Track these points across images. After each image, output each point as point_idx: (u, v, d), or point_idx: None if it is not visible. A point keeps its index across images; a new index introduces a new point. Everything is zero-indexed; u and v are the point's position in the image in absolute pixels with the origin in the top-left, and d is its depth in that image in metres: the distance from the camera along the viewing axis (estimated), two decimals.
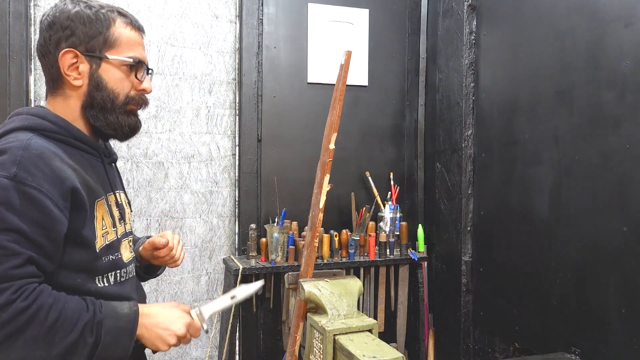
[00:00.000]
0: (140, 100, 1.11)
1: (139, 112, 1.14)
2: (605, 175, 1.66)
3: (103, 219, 1.04)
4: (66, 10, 1.00)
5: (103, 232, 1.04)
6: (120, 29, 1.04)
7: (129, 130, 1.11)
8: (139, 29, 1.09)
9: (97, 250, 1.01)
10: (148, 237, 1.30)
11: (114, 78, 1.04)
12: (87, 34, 1.01)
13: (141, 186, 2.38)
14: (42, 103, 2.22)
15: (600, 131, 1.68)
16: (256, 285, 1.20)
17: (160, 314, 1.03)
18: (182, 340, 1.04)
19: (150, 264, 1.31)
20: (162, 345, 1.01)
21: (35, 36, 2.21)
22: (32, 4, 2.19)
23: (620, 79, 1.61)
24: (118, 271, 1.08)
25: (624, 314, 1.58)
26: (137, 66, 1.07)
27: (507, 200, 2.10)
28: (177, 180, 2.44)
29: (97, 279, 1.02)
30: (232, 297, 1.15)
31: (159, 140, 2.40)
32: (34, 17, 2.21)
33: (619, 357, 1.60)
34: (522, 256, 2.02)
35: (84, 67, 1.01)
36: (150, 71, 1.12)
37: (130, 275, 1.15)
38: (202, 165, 2.48)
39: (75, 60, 1.00)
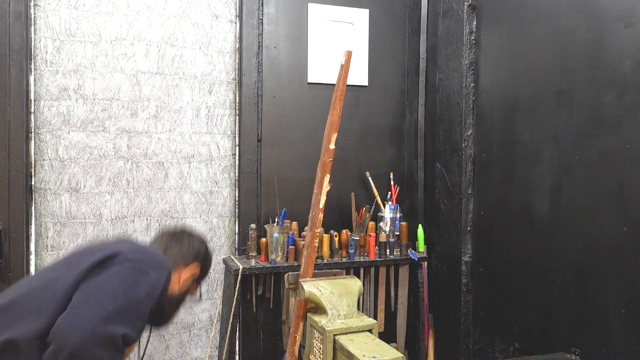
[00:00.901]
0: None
1: None
2: (605, 175, 1.66)
3: None
4: (209, 256, 1.62)
5: None
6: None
7: (164, 324, 1.56)
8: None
9: None
10: None
11: (189, 295, 1.58)
12: (204, 272, 1.60)
13: (141, 186, 2.38)
14: (42, 103, 2.22)
15: (600, 131, 1.68)
16: None
17: None
18: None
19: None
20: None
21: (35, 36, 2.21)
22: (32, 4, 2.19)
23: (620, 79, 1.61)
24: None
25: (624, 314, 1.58)
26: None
27: (507, 200, 2.10)
28: (177, 180, 2.44)
29: None
30: None
31: (159, 140, 2.40)
32: (34, 17, 2.21)
33: (619, 357, 1.60)
34: (522, 256, 2.02)
35: (190, 282, 1.54)
36: None
37: None
38: (202, 165, 2.48)
39: (191, 277, 1.53)
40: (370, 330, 1.47)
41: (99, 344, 1.11)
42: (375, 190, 2.58)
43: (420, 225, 2.59)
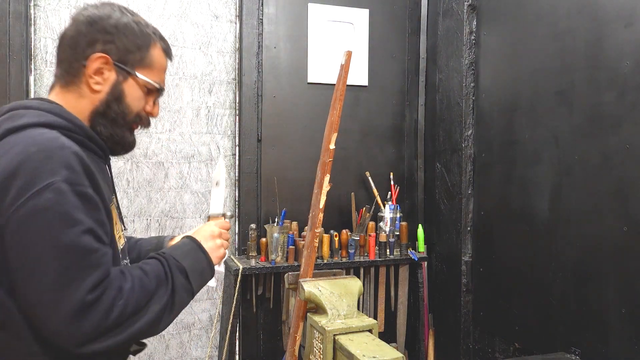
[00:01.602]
0: (145, 121, 1.11)
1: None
2: (605, 175, 1.66)
3: (116, 223, 1.02)
4: (114, 16, 1.00)
5: (118, 237, 1.02)
6: (156, 53, 1.06)
7: (128, 146, 1.10)
8: (170, 57, 1.11)
9: (119, 255, 1.01)
10: (158, 237, 1.31)
11: (134, 95, 1.04)
12: (126, 47, 1.00)
13: (141, 186, 2.38)
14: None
15: (600, 131, 1.68)
16: (221, 165, 1.35)
17: (199, 230, 1.16)
18: (222, 236, 1.17)
19: None
20: (215, 248, 1.12)
21: (35, 36, 2.21)
22: (32, 4, 2.19)
23: (620, 79, 1.61)
24: None
25: (624, 314, 1.58)
26: (158, 92, 1.09)
27: (507, 200, 2.10)
28: (177, 180, 2.44)
29: None
30: (217, 184, 1.33)
31: (159, 140, 2.40)
32: (34, 17, 2.21)
33: (619, 357, 1.60)
34: (522, 256, 2.02)
35: (110, 75, 1.00)
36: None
37: None
38: (202, 165, 2.48)
39: (104, 66, 0.98)
40: (370, 330, 1.47)
41: (80, 319, 0.82)
42: (375, 190, 2.58)
43: (420, 225, 2.59)
